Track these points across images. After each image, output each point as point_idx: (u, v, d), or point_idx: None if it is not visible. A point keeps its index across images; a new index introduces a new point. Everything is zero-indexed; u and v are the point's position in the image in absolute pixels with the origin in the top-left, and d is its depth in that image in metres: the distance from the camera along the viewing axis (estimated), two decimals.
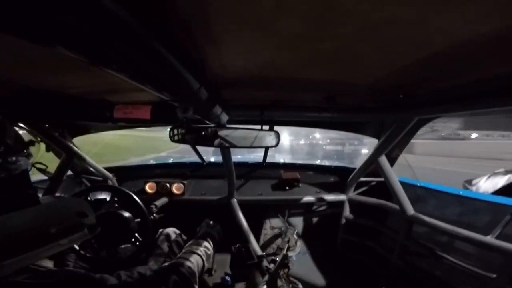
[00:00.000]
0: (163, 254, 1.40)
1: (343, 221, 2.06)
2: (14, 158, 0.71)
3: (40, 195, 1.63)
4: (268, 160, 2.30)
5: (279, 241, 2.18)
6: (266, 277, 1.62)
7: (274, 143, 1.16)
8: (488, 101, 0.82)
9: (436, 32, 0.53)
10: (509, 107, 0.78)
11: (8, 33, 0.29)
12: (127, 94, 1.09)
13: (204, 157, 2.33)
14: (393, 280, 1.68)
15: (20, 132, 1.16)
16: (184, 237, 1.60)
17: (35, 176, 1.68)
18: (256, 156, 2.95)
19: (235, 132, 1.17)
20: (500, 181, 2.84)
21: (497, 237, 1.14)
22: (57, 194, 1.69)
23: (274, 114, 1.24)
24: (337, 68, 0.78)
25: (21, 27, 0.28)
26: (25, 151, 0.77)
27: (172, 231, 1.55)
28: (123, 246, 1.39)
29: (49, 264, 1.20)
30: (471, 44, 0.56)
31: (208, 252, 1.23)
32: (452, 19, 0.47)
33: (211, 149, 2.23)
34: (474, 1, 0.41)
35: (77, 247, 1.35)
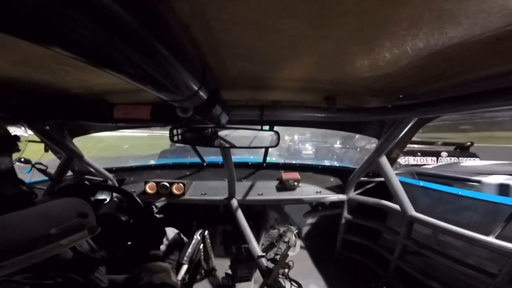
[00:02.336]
0: (161, 253, 1.40)
1: (343, 221, 2.06)
2: None
3: (40, 195, 1.63)
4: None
5: (279, 241, 2.18)
6: (266, 277, 1.62)
7: (274, 143, 1.16)
8: (487, 100, 0.82)
9: (435, 32, 0.53)
10: (509, 106, 0.78)
11: (8, 33, 0.29)
12: (127, 94, 1.09)
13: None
14: (393, 280, 1.68)
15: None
16: (183, 237, 1.60)
17: (35, 176, 1.68)
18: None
19: (235, 132, 1.17)
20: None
21: (497, 237, 1.14)
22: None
23: (274, 114, 1.24)
24: (337, 68, 0.78)
25: (21, 27, 0.28)
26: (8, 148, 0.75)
27: (170, 230, 1.54)
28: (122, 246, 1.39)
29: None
30: (470, 44, 0.56)
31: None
32: (451, 19, 0.47)
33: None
34: (473, 1, 0.41)
35: (77, 247, 1.34)
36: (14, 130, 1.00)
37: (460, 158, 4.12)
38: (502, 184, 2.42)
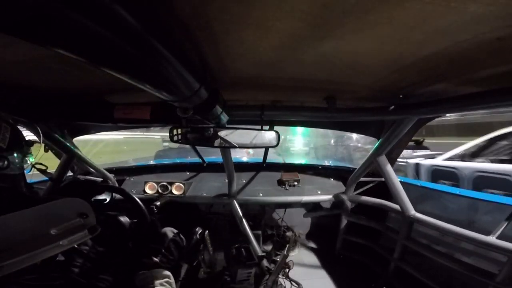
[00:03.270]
0: (160, 253, 1.39)
1: (343, 221, 2.06)
2: (6, 161, 0.71)
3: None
4: None
5: (279, 241, 2.18)
6: (267, 277, 1.62)
7: (274, 143, 1.16)
8: (487, 100, 0.82)
9: (435, 32, 0.53)
10: (508, 106, 0.79)
11: (8, 33, 0.29)
12: (127, 94, 1.09)
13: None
14: (393, 279, 1.68)
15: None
16: (182, 237, 1.60)
17: (35, 176, 1.68)
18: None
19: (235, 132, 1.16)
20: None
21: (498, 237, 1.13)
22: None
23: (274, 114, 1.24)
24: (337, 68, 0.78)
25: (21, 27, 0.28)
26: (15, 152, 0.76)
27: (169, 230, 1.54)
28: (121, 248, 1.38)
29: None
30: (470, 44, 0.56)
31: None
32: (451, 19, 0.47)
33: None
34: (473, 1, 0.41)
35: (77, 247, 1.34)
36: (27, 135, 1.01)
37: (414, 150, 5.33)
38: (416, 163, 3.87)
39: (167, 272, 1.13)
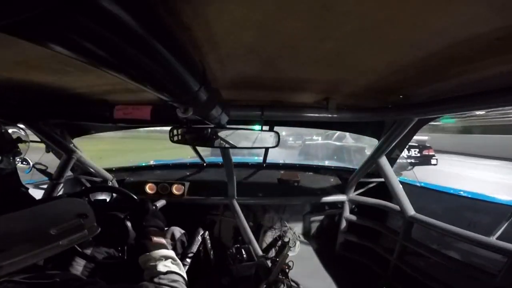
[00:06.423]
0: (162, 230, 1.38)
1: (343, 221, 2.06)
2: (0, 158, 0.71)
3: (40, 195, 1.63)
4: None
5: (279, 241, 2.18)
6: (267, 277, 1.62)
7: (274, 143, 1.16)
8: (487, 100, 0.82)
9: (435, 32, 0.53)
10: (508, 106, 0.79)
11: (8, 33, 0.29)
12: (127, 94, 1.09)
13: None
14: (393, 280, 1.67)
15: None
16: (187, 238, 1.59)
17: (36, 176, 1.68)
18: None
19: (235, 133, 1.17)
20: None
21: (498, 238, 1.13)
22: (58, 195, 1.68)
23: (274, 114, 1.24)
24: (337, 68, 0.78)
25: (21, 27, 0.28)
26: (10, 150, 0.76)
27: (177, 230, 1.53)
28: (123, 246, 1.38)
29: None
30: (470, 44, 0.56)
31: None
32: (451, 19, 0.47)
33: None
34: (473, 2, 0.41)
35: (77, 247, 1.34)
36: (13, 132, 1.01)
37: None
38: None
39: (171, 252, 1.08)
